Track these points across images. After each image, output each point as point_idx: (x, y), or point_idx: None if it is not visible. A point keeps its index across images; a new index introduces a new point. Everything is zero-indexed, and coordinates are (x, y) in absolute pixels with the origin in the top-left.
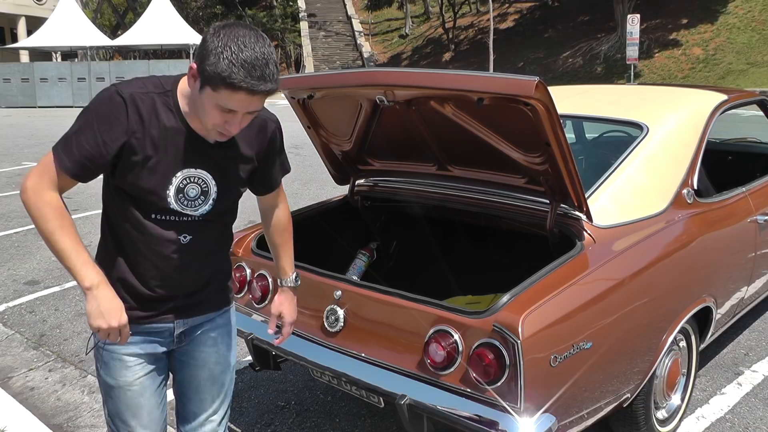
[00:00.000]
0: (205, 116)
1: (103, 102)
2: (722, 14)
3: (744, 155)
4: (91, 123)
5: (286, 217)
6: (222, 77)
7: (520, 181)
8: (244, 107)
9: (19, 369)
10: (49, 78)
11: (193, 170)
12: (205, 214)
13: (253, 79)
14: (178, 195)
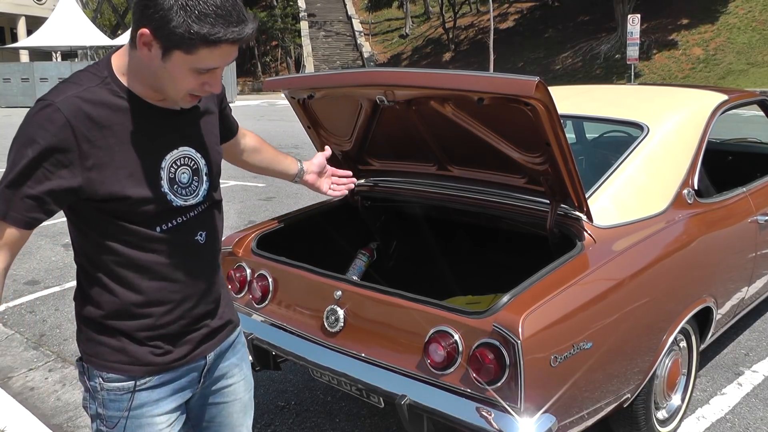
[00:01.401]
0: (176, 86)
1: (39, 124)
2: (722, 14)
3: (744, 155)
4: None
5: (253, 134)
6: (201, 35)
7: (521, 181)
8: (225, 60)
9: (19, 369)
10: (49, 78)
11: (176, 151)
12: (206, 196)
13: (234, 25)
14: (173, 187)
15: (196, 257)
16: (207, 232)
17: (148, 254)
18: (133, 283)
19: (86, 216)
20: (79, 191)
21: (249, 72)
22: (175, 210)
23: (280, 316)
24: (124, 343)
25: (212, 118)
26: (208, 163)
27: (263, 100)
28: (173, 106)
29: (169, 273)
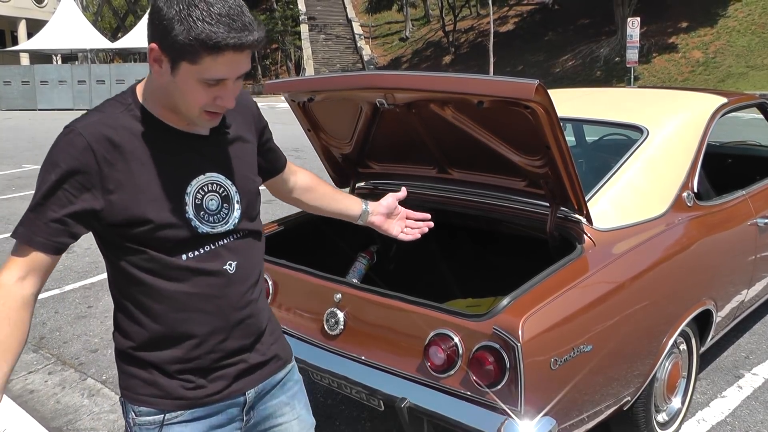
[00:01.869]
0: (187, 101)
1: (61, 149)
2: (722, 17)
3: (744, 158)
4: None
5: (308, 172)
6: (200, 41)
7: (520, 184)
8: (233, 70)
9: (18, 372)
10: (50, 81)
11: (203, 177)
12: (237, 224)
13: (237, 31)
14: (199, 213)
15: (226, 288)
16: (238, 262)
17: (173, 284)
18: (160, 314)
19: (112, 244)
20: (101, 214)
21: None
22: (202, 237)
23: (280, 318)
24: (155, 376)
25: (247, 147)
26: (239, 191)
27: (263, 103)
28: (199, 131)
29: (195, 304)
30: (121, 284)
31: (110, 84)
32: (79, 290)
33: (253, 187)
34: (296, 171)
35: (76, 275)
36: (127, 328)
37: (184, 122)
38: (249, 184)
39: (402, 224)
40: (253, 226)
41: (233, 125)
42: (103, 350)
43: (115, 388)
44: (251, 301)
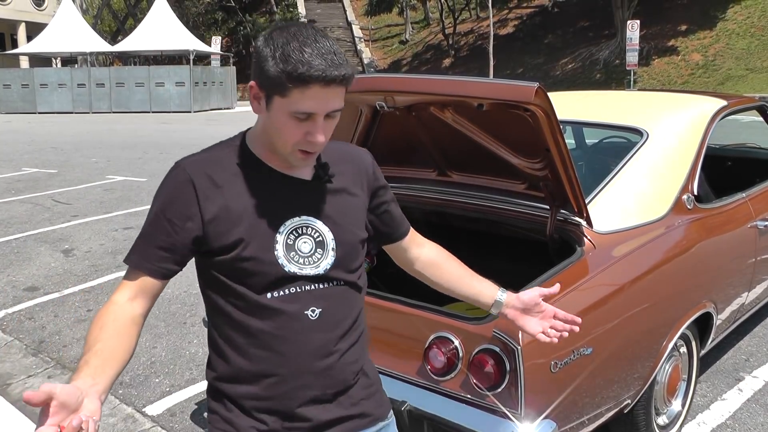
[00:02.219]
0: (280, 137)
1: (167, 182)
2: (721, 20)
3: (744, 161)
4: (157, 209)
5: (438, 248)
6: (287, 73)
7: (520, 187)
8: (321, 105)
9: (18, 376)
10: (49, 84)
11: (298, 219)
12: (329, 270)
13: (324, 65)
14: (289, 254)
15: (306, 333)
16: (324, 310)
17: (257, 320)
18: (242, 348)
19: (206, 276)
20: (201, 242)
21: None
22: (288, 277)
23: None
24: (232, 413)
25: (352, 200)
26: (336, 239)
27: None
28: (300, 175)
29: (275, 344)
30: (213, 318)
31: (110, 87)
32: (79, 294)
33: (353, 238)
34: (422, 243)
35: (76, 279)
36: (213, 361)
37: (285, 164)
38: (348, 236)
39: (544, 324)
40: (350, 278)
41: (339, 176)
42: None
43: (114, 392)
44: (335, 352)
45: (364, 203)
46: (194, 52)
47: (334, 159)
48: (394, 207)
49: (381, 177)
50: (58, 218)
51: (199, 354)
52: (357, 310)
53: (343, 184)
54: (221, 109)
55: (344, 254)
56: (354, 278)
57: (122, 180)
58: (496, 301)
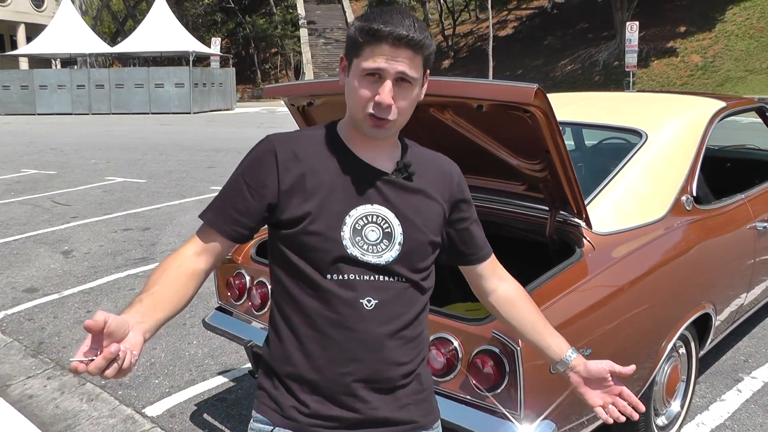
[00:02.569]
0: (354, 100)
1: (251, 150)
2: (720, 22)
3: (743, 162)
4: (239, 173)
5: (519, 286)
6: (360, 28)
7: (520, 188)
8: (389, 64)
9: (17, 377)
10: (49, 85)
11: (370, 206)
12: (391, 263)
13: (396, 26)
14: (355, 238)
15: (358, 322)
16: (379, 302)
17: (313, 301)
18: (296, 328)
19: (275, 250)
20: (274, 211)
21: (249, 79)
22: (348, 259)
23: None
24: (278, 390)
25: (430, 203)
26: (405, 234)
27: (263, 107)
28: (383, 167)
29: (326, 327)
30: (276, 295)
31: (109, 88)
32: (78, 295)
33: (422, 238)
34: (502, 277)
35: (75, 280)
36: (270, 338)
37: (368, 153)
38: (418, 234)
39: (606, 399)
40: (414, 276)
41: (420, 177)
42: None
43: (114, 393)
44: (384, 348)
45: (442, 211)
46: (194, 53)
47: (419, 161)
48: (475, 227)
49: (466, 191)
50: (58, 219)
51: (199, 355)
52: (416, 310)
53: (422, 186)
54: (221, 111)
55: (410, 251)
56: (417, 278)
57: (122, 181)
58: (562, 360)
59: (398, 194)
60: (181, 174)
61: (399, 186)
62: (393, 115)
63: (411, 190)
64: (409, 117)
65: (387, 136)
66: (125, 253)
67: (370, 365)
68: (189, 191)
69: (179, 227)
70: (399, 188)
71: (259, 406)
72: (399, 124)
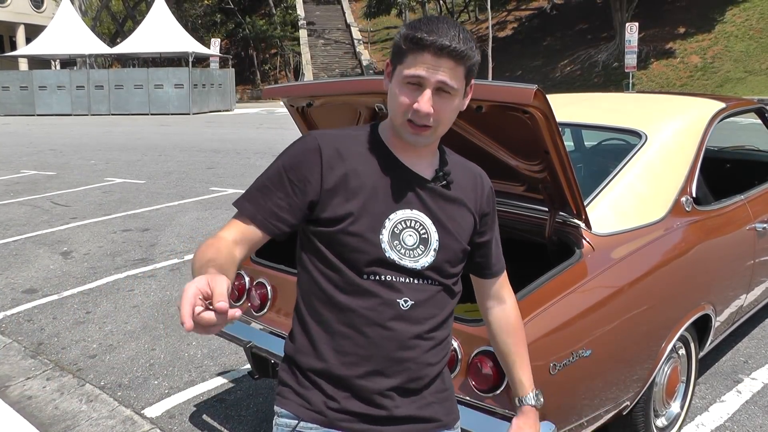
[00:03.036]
0: (394, 106)
1: (294, 145)
2: (720, 23)
3: (742, 163)
4: (280, 166)
5: (516, 314)
6: (405, 36)
7: (519, 189)
8: (430, 72)
9: (16, 378)
10: (48, 86)
11: (409, 211)
12: (426, 268)
13: (440, 36)
14: (393, 242)
15: (394, 321)
16: (415, 303)
17: (348, 297)
18: (328, 323)
19: (309, 246)
20: (315, 209)
21: (248, 80)
22: (386, 262)
23: (280, 324)
24: (304, 386)
25: (464, 212)
26: (440, 241)
27: (262, 108)
28: (422, 172)
29: (360, 324)
30: (305, 291)
31: (109, 89)
32: (78, 296)
33: (456, 246)
34: (504, 298)
35: (74, 281)
36: (296, 334)
37: (410, 157)
38: (452, 242)
39: None
40: (446, 281)
41: (458, 186)
42: (101, 356)
43: (114, 394)
44: (417, 347)
45: (473, 220)
46: (193, 54)
47: (457, 170)
48: (494, 243)
49: (492, 205)
50: (57, 220)
51: (198, 356)
52: (446, 313)
53: (459, 195)
54: (220, 111)
55: (444, 258)
56: (449, 282)
57: (121, 182)
58: (519, 398)
59: (436, 201)
60: (181, 175)
61: (437, 193)
62: (432, 123)
63: (448, 198)
64: (449, 126)
65: (426, 143)
66: (124, 254)
67: (403, 364)
68: (188, 192)
69: (178, 228)
70: (437, 195)
71: (283, 401)
72: (439, 133)
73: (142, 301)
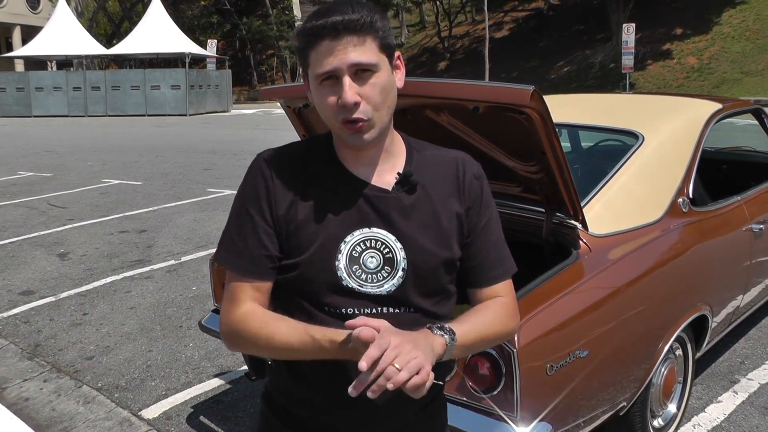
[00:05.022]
0: (325, 115)
1: (246, 173)
2: (716, 24)
3: (739, 164)
4: (239, 203)
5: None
6: (296, 33)
7: (516, 190)
8: (338, 59)
9: (13, 379)
10: (45, 87)
11: (368, 230)
12: (394, 291)
13: (329, 15)
14: (351, 267)
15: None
16: None
17: None
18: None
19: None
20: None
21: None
22: (346, 291)
23: None
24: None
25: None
26: (408, 259)
27: (259, 109)
28: (381, 183)
29: (323, 367)
30: None
31: (105, 90)
32: (75, 297)
33: (431, 259)
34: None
35: (71, 282)
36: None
37: (367, 169)
38: (425, 257)
39: None
40: (425, 304)
41: (431, 184)
42: (98, 357)
43: (111, 396)
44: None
45: (457, 219)
46: (190, 55)
47: (429, 164)
48: (492, 243)
49: (482, 194)
50: (54, 222)
51: (195, 357)
52: None
53: (431, 194)
54: (217, 112)
55: (417, 276)
56: (429, 304)
57: (118, 183)
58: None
59: (400, 212)
60: (177, 176)
61: (400, 203)
62: (366, 112)
63: (416, 203)
64: (390, 110)
65: (372, 139)
66: (121, 256)
67: (358, 408)
68: (185, 193)
69: (175, 229)
70: (401, 205)
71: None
72: (381, 122)
73: (139, 302)
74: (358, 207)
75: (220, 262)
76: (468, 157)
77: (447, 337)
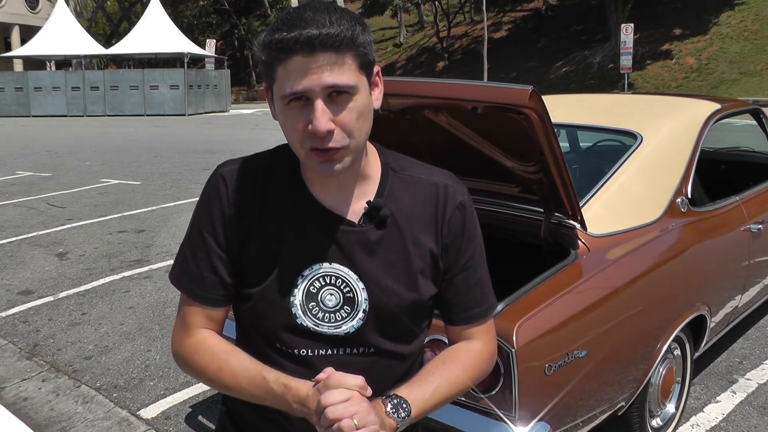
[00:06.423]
0: (290, 138)
1: (204, 189)
2: (715, 24)
3: (737, 164)
4: (194, 221)
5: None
6: (263, 43)
7: (514, 190)
8: (311, 79)
9: (12, 379)
10: (44, 87)
11: (328, 265)
12: (353, 333)
13: (303, 26)
14: (308, 304)
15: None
16: None
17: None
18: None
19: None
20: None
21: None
22: (300, 331)
23: None
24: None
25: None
26: (370, 300)
27: (257, 109)
28: (348, 214)
29: (271, 412)
30: None
31: (104, 90)
32: (74, 297)
33: (396, 302)
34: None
35: (70, 282)
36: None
37: (330, 190)
38: (390, 298)
39: None
40: (387, 345)
41: (404, 217)
42: (97, 357)
43: (109, 395)
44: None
45: (432, 256)
46: (188, 55)
47: (406, 192)
48: (473, 282)
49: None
50: (53, 222)
51: None
52: (395, 380)
53: (403, 228)
54: (216, 113)
55: (379, 319)
56: (393, 346)
57: (116, 183)
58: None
59: (364, 249)
60: (176, 176)
61: (365, 238)
62: (339, 141)
63: (384, 240)
64: (366, 133)
65: (345, 168)
66: (120, 255)
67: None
68: (184, 193)
69: (174, 229)
70: (365, 241)
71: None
72: (357, 149)
73: (137, 302)
74: (318, 239)
75: (173, 283)
76: (452, 184)
77: (398, 420)
